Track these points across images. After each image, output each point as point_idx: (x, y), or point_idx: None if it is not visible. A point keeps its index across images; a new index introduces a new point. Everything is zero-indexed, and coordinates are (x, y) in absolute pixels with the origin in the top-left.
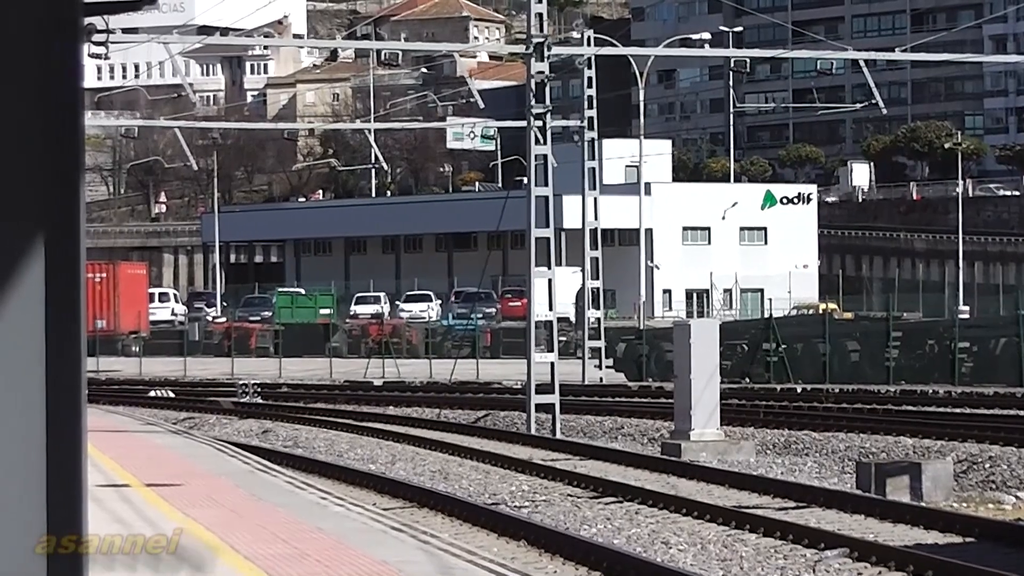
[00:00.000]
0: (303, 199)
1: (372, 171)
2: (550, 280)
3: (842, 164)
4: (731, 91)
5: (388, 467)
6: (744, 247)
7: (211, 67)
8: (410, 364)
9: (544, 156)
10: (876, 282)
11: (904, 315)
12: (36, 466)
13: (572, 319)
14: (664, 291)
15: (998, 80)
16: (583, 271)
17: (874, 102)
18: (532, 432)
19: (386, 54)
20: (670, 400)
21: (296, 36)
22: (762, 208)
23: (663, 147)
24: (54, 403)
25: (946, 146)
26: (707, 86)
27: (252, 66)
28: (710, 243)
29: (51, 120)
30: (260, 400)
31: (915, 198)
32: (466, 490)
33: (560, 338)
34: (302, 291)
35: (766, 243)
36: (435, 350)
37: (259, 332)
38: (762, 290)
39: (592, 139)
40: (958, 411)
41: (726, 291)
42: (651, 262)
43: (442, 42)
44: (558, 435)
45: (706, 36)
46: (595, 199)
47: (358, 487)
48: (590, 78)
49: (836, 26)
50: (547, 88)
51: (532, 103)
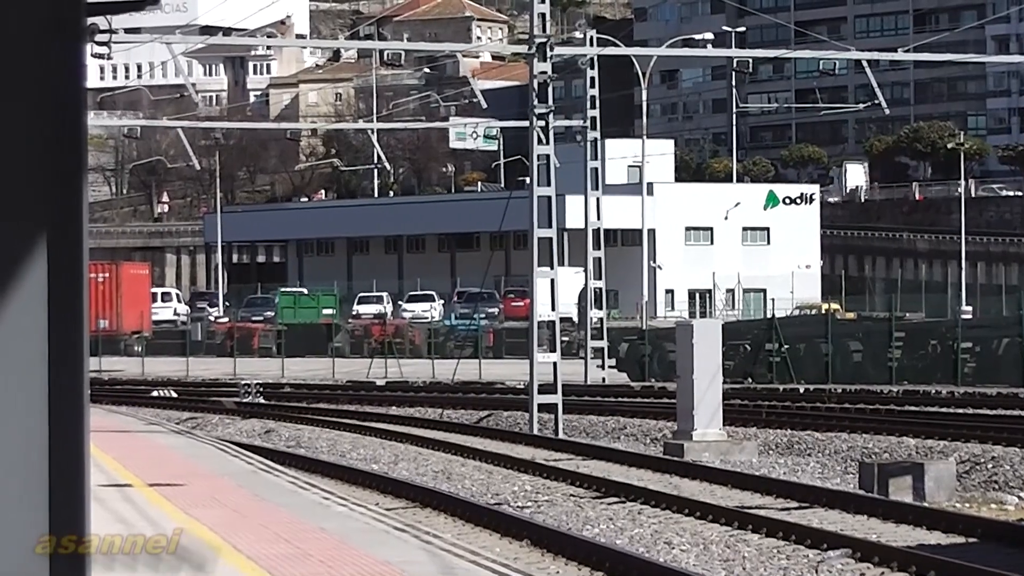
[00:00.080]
0: (306, 199)
1: (375, 171)
2: (553, 280)
3: (839, 165)
4: (734, 91)
5: (391, 467)
6: (747, 247)
7: (214, 67)
8: (413, 364)
9: (547, 156)
10: (879, 282)
11: (907, 315)
12: (38, 466)
13: (575, 319)
14: (667, 291)
15: (1001, 80)
16: (586, 271)
17: (877, 102)
18: (535, 432)
19: (389, 54)
20: (672, 400)
21: (299, 36)
22: (765, 208)
23: (666, 147)
24: (56, 403)
25: (949, 146)
26: (710, 86)
27: (255, 66)
28: (713, 243)
29: (53, 120)
30: (262, 400)
31: (918, 198)
32: (469, 490)
33: (563, 338)
34: (305, 291)
35: (769, 243)
36: (438, 350)
37: (261, 332)
38: (765, 290)
39: (595, 139)
40: (961, 411)
41: (728, 291)
42: (654, 262)
43: (445, 42)
44: (561, 435)
45: (709, 36)
46: (598, 199)
47: (361, 487)
48: (593, 78)
49: (839, 26)
50: (550, 88)
51: (535, 103)
